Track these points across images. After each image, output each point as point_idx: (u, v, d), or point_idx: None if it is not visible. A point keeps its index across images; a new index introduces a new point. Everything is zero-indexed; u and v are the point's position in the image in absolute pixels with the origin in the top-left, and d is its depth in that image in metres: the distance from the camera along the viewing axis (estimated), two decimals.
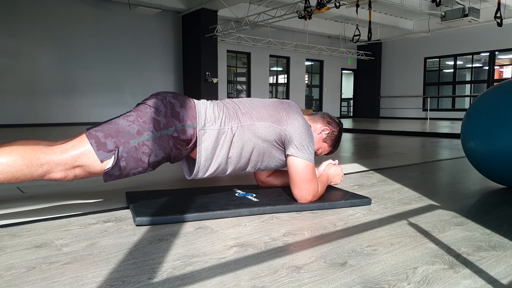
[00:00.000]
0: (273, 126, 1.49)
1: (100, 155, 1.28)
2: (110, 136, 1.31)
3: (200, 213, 1.36)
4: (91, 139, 1.29)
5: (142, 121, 1.35)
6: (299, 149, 1.47)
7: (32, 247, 1.09)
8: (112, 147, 1.30)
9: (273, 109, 1.53)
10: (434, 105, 14.52)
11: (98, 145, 1.29)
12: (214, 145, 1.44)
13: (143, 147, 1.34)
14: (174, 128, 1.38)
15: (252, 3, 10.72)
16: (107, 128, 1.32)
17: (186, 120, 1.41)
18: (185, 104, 1.44)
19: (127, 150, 1.32)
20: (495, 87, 1.93)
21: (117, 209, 1.50)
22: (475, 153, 1.92)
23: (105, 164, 1.30)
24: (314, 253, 1.06)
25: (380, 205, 1.60)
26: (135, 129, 1.33)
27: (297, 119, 1.52)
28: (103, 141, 1.30)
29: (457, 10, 9.64)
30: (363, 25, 12.68)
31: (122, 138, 1.32)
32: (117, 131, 1.32)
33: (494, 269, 0.97)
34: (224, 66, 12.35)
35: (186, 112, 1.42)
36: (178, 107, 1.42)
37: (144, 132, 1.34)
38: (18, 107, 8.89)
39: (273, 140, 1.50)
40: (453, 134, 5.67)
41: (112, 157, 1.30)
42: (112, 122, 1.36)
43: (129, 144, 1.32)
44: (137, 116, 1.36)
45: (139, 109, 1.40)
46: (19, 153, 1.20)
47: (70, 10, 9.37)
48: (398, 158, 3.19)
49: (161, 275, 0.91)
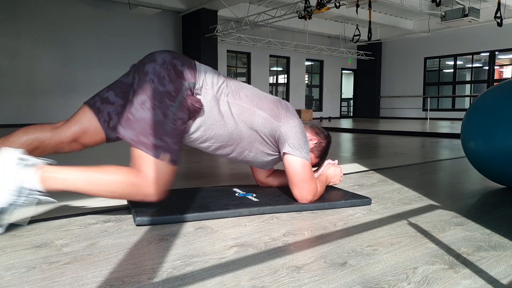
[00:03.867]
0: (270, 120, 1.47)
1: (156, 154, 1.27)
2: (150, 134, 1.28)
3: (200, 213, 1.36)
4: (142, 145, 1.27)
5: (158, 102, 1.30)
6: (295, 147, 1.47)
7: (32, 247, 1.09)
8: (159, 143, 1.28)
9: (273, 103, 1.51)
10: (434, 105, 14.52)
11: (149, 148, 1.27)
12: (207, 111, 1.39)
13: (177, 123, 1.32)
14: (184, 88, 1.34)
15: (252, 3, 10.72)
16: (142, 127, 1.28)
17: (190, 78, 1.36)
18: (185, 62, 1.39)
19: (171, 135, 1.31)
20: (495, 87, 1.93)
21: (117, 209, 1.50)
22: (475, 153, 1.92)
23: (165, 157, 1.29)
24: (314, 253, 1.06)
25: (380, 205, 1.60)
26: (159, 115, 1.30)
27: (294, 119, 1.51)
28: (149, 141, 1.28)
29: (457, 10, 9.65)
30: (363, 25, 12.68)
31: (158, 129, 1.29)
32: (151, 126, 1.29)
33: (494, 269, 0.97)
34: (224, 66, 12.35)
35: (188, 70, 1.37)
36: (180, 66, 1.36)
37: (167, 110, 1.31)
38: (18, 107, 8.89)
39: (265, 133, 1.48)
40: (453, 134, 5.67)
41: (167, 154, 1.30)
42: (136, 118, 1.29)
43: (167, 130, 1.30)
44: (151, 99, 1.30)
45: (144, 87, 1.32)
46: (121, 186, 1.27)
47: (70, 10, 9.36)
48: (398, 158, 3.19)
49: (161, 275, 0.91)
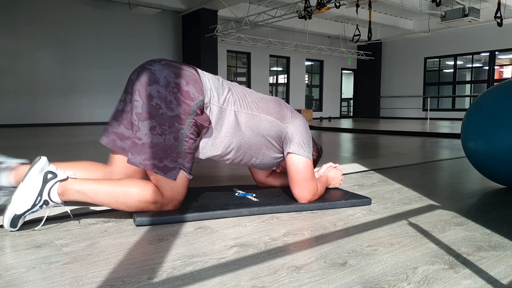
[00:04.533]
0: (277, 122, 1.48)
1: (172, 176, 1.32)
2: (164, 158, 1.30)
3: (200, 213, 1.36)
4: (156, 169, 1.30)
5: (168, 127, 1.30)
6: (300, 146, 1.47)
7: (32, 247, 1.09)
8: (173, 165, 1.32)
9: (277, 105, 1.52)
10: (434, 105, 14.52)
11: (164, 171, 1.31)
12: (214, 124, 1.39)
13: (188, 143, 1.33)
14: (193, 109, 1.32)
15: (252, 3, 10.72)
16: (154, 152, 1.30)
17: (198, 96, 1.34)
18: (189, 79, 1.34)
19: (183, 156, 1.33)
20: (495, 87, 1.93)
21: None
22: (475, 153, 1.92)
23: (181, 176, 1.34)
24: (314, 253, 1.06)
25: (380, 205, 1.60)
26: (171, 139, 1.30)
27: (299, 118, 1.53)
28: (162, 164, 1.31)
29: (457, 10, 9.65)
30: (363, 25, 12.68)
31: (171, 153, 1.31)
32: (163, 150, 1.30)
33: (494, 269, 0.97)
34: (224, 66, 12.35)
35: (194, 88, 1.34)
36: (185, 86, 1.32)
37: (178, 134, 1.31)
38: (18, 107, 8.89)
39: (273, 136, 1.48)
40: (453, 134, 5.67)
41: (181, 171, 1.34)
42: (145, 143, 1.30)
43: (180, 152, 1.32)
44: (160, 124, 1.29)
45: (151, 113, 1.30)
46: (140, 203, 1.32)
47: (70, 10, 9.37)
48: (398, 158, 3.19)
49: (161, 275, 0.91)
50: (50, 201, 1.23)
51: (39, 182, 1.21)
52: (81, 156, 3.23)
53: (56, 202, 1.24)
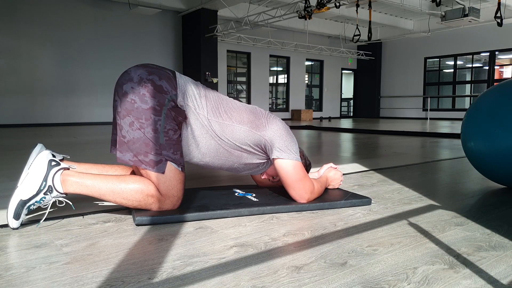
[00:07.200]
0: (252, 132, 1.46)
1: (159, 169, 1.33)
2: (148, 152, 1.32)
3: (200, 213, 1.36)
4: (144, 164, 1.32)
5: (145, 120, 1.32)
6: (283, 151, 1.46)
7: (32, 247, 1.09)
8: (158, 158, 1.33)
9: (253, 115, 1.49)
10: (434, 105, 14.52)
11: (151, 165, 1.32)
12: (190, 128, 1.41)
13: (168, 134, 1.35)
14: (167, 100, 1.35)
15: (252, 3, 10.72)
16: (138, 148, 1.32)
17: (170, 90, 1.36)
18: (162, 75, 1.37)
19: (167, 147, 1.34)
20: (495, 87, 1.93)
21: (117, 209, 1.50)
22: (475, 153, 1.92)
23: (169, 169, 1.35)
24: (314, 253, 1.06)
25: (380, 205, 1.60)
26: (150, 132, 1.32)
27: (276, 123, 1.50)
28: (148, 159, 1.32)
29: (457, 10, 9.65)
30: (363, 25, 12.69)
31: (153, 146, 1.33)
32: (146, 144, 1.32)
33: (494, 269, 0.97)
34: (224, 66, 12.35)
35: (167, 83, 1.37)
36: (158, 80, 1.35)
37: (156, 125, 1.33)
38: (18, 107, 8.89)
39: (251, 144, 1.47)
40: (453, 134, 5.67)
41: (168, 162, 1.35)
42: (129, 139, 1.33)
43: (162, 144, 1.34)
44: (137, 118, 1.32)
45: (128, 109, 1.33)
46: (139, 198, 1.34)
47: (70, 10, 9.37)
48: (398, 158, 3.19)
49: (161, 275, 0.91)
50: (53, 189, 1.27)
51: (44, 167, 1.26)
52: (81, 156, 3.23)
53: (59, 191, 1.28)
